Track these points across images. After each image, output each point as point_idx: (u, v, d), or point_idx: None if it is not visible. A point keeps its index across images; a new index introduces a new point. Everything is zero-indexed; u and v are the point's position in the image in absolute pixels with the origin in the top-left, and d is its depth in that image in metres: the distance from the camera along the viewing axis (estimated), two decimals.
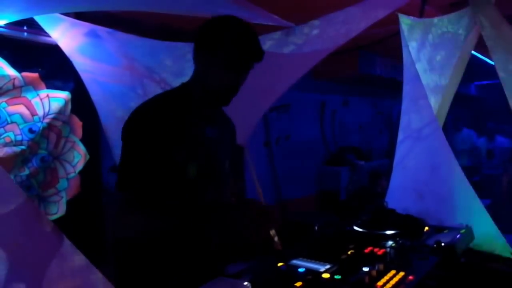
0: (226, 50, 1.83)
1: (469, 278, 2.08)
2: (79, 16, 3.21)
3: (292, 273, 1.92)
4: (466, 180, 2.99)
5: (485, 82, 11.01)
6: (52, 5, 2.72)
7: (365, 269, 1.90)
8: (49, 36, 3.11)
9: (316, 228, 2.60)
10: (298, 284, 1.78)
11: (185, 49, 3.31)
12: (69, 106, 3.40)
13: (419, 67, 3.40)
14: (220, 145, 2.02)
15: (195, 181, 1.87)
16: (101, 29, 3.17)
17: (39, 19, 2.96)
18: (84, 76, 3.28)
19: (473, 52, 3.86)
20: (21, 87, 3.11)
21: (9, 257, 1.22)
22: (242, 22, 1.88)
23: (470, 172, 6.88)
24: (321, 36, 3.31)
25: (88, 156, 3.59)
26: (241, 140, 2.26)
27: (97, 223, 3.70)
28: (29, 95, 3.15)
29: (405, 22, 3.34)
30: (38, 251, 1.32)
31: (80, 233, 2.43)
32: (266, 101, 4.14)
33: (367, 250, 2.23)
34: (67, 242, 1.38)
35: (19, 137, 3.09)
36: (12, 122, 3.06)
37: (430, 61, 3.57)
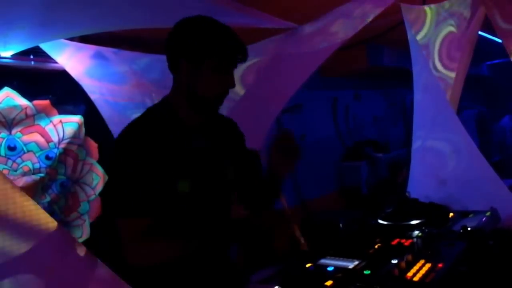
0: (213, 54, 1.74)
1: (500, 260, 2.05)
2: (84, 39, 3.24)
3: (321, 273, 1.91)
4: (486, 162, 2.96)
5: (497, 61, 10.86)
6: (56, 31, 2.75)
7: (394, 261, 1.88)
8: (56, 62, 3.13)
9: (341, 225, 2.58)
10: (329, 283, 1.77)
11: None
12: (83, 129, 3.42)
13: (427, 53, 3.37)
14: (215, 154, 1.94)
15: (192, 195, 1.81)
16: (106, 50, 3.20)
17: (45, 46, 2.98)
18: (94, 98, 3.30)
19: (481, 33, 3.83)
20: (33, 115, 3.13)
21: (45, 285, 1.23)
22: (214, 21, 1.80)
23: None
24: (326, 33, 3.30)
25: (107, 177, 3.61)
26: (255, 145, 2.22)
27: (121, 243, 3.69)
28: (42, 123, 3.18)
29: (408, 12, 3.32)
30: (73, 276, 1.33)
31: (105, 254, 2.44)
32: (278, 103, 4.13)
33: (394, 242, 2.22)
34: (101, 265, 1.38)
35: (37, 165, 3.11)
36: (28, 151, 3.09)
37: (437, 46, 3.54)
